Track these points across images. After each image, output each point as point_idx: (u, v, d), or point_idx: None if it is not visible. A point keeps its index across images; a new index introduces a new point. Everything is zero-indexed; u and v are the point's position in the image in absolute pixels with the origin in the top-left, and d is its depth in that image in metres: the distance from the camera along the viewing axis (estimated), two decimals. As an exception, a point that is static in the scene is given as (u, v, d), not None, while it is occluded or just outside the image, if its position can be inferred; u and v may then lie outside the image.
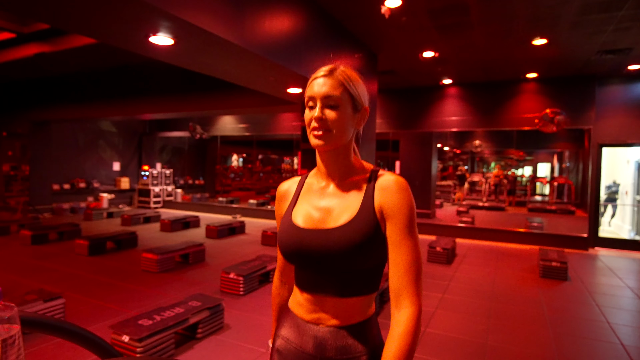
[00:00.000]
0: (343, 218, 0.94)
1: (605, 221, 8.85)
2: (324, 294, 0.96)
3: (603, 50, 5.83)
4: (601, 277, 5.38)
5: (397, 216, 0.91)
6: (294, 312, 1.02)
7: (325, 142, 0.94)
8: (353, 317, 0.95)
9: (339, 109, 0.94)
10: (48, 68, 8.45)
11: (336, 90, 0.94)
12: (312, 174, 1.08)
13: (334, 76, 0.95)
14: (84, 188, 11.19)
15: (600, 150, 7.42)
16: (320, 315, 0.96)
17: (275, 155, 18.65)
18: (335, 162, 0.99)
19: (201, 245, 5.69)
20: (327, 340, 0.94)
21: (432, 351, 3.04)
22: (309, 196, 1.03)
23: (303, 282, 1.00)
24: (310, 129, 0.95)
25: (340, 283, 0.94)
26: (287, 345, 1.00)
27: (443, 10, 4.65)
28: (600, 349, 3.18)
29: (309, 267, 0.96)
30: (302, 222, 0.98)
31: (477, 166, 17.76)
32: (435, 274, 5.22)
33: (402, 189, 0.93)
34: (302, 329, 0.98)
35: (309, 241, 0.94)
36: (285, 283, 1.18)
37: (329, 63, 0.99)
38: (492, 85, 8.01)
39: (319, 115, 0.93)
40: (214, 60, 4.12)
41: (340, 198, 0.98)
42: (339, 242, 0.91)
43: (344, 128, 0.95)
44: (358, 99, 0.98)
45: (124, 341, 2.67)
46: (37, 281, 4.53)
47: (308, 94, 0.97)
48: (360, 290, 0.95)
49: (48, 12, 3.01)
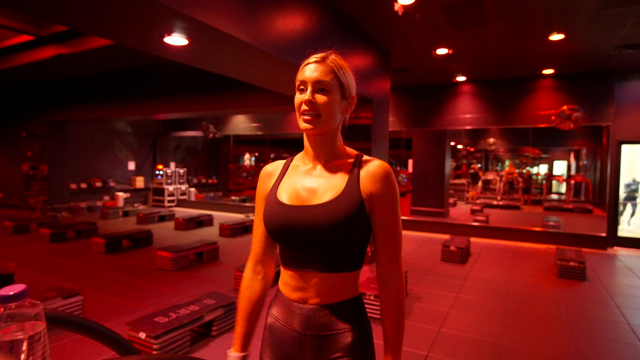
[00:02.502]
0: (327, 196, 0.98)
1: (624, 220, 8.64)
2: (308, 269, 0.99)
3: (623, 44, 5.68)
4: (621, 277, 5.25)
5: (386, 202, 0.99)
6: (282, 291, 1.06)
7: (314, 126, 0.98)
8: (337, 295, 0.99)
9: (328, 94, 0.98)
10: (65, 70, 8.61)
11: (327, 76, 0.98)
12: (298, 157, 1.12)
13: (326, 63, 0.99)
14: (100, 187, 11.38)
15: (620, 148, 7.25)
16: (304, 294, 1.00)
17: (287, 154, 18.70)
18: (322, 145, 1.04)
19: (215, 243, 5.74)
20: (311, 317, 0.99)
21: (447, 351, 3.01)
22: (294, 176, 1.06)
23: (288, 259, 1.03)
24: (300, 112, 0.99)
25: (324, 259, 0.98)
26: (277, 322, 1.05)
27: (457, 6, 4.59)
28: (620, 350, 3.10)
29: (294, 244, 0.99)
30: (287, 199, 1.02)
31: (491, 164, 17.53)
32: (449, 274, 5.17)
33: (388, 174, 1.00)
34: (289, 308, 1.02)
35: (294, 217, 0.98)
36: (259, 273, 1.13)
37: (321, 51, 1.04)
38: (507, 82, 7.88)
39: (309, 98, 0.97)
40: (227, 59, 4.14)
41: (326, 178, 1.02)
42: (324, 218, 0.94)
43: (332, 113, 0.99)
44: (347, 87, 1.02)
45: (140, 338, 2.71)
46: (56, 278, 4.63)
47: (299, 78, 1.01)
48: (344, 266, 0.99)
49: (65, 14, 3.07)
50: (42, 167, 10.62)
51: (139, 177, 12.43)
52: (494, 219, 8.93)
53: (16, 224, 7.34)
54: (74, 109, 9.70)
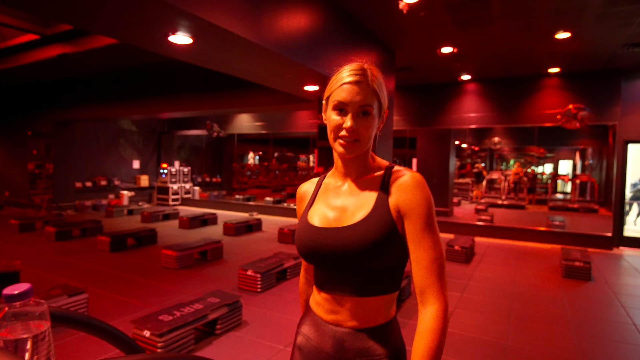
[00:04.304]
0: (357, 216, 0.93)
1: (630, 220, 8.57)
2: (342, 294, 0.95)
3: (630, 43, 5.63)
4: (626, 277, 5.21)
5: (415, 214, 0.90)
6: (314, 311, 1.02)
7: (352, 152, 0.93)
8: (373, 319, 0.94)
9: (369, 117, 0.93)
10: (70, 68, 8.66)
11: (370, 99, 0.92)
12: (330, 174, 1.08)
13: (367, 82, 0.92)
14: (105, 186, 11.44)
15: (626, 147, 7.18)
16: (338, 317, 0.95)
17: (291, 153, 18.70)
18: (354, 163, 0.99)
19: (219, 242, 5.75)
20: (345, 341, 0.94)
21: (452, 351, 3.00)
22: (325, 196, 1.03)
23: (321, 281, 0.99)
24: (338, 136, 0.93)
25: (357, 282, 0.93)
26: (308, 343, 1.00)
27: (462, 4, 4.56)
28: (626, 351, 3.08)
29: (326, 266, 0.96)
30: (318, 222, 0.98)
31: (495, 163, 17.44)
32: (453, 273, 5.15)
33: (418, 185, 0.91)
34: (322, 329, 0.98)
35: (323, 240, 0.94)
36: (309, 280, 1.18)
37: (352, 61, 0.96)
38: (512, 80, 7.83)
39: (351, 126, 0.91)
40: (232, 58, 4.15)
41: (355, 196, 0.97)
42: (353, 240, 0.90)
43: (371, 136, 0.95)
44: (384, 104, 0.96)
45: (145, 336, 2.72)
46: (61, 276, 4.66)
47: (338, 99, 0.92)
48: (379, 289, 0.94)
49: (70, 13, 3.08)
50: (47, 165, 10.69)
51: (143, 176, 12.48)
52: (498, 219, 8.89)
53: (22, 222, 7.39)
54: (79, 107, 9.76)
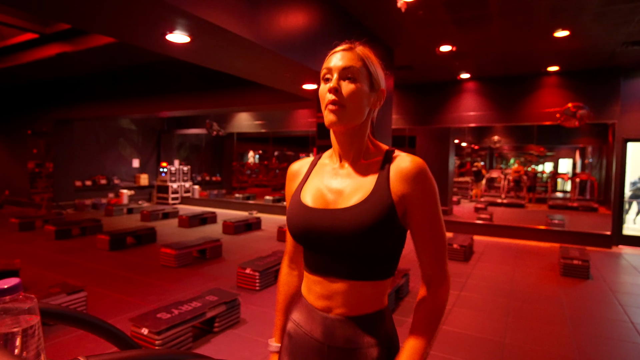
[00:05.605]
0: (354, 199, 0.90)
1: (629, 218, 8.57)
2: (334, 276, 0.92)
3: (629, 41, 5.63)
4: (625, 275, 5.22)
5: (421, 203, 0.89)
6: (305, 297, 0.99)
7: (339, 118, 0.90)
8: (364, 306, 0.92)
9: (355, 82, 0.91)
10: (70, 67, 8.66)
11: (355, 63, 0.92)
12: (326, 155, 1.05)
13: (354, 51, 0.94)
14: (105, 184, 11.46)
15: (625, 145, 7.18)
16: (329, 303, 0.93)
17: (291, 151, 18.69)
18: (350, 142, 0.96)
19: (218, 241, 5.76)
20: (335, 328, 0.91)
21: (449, 349, 3.00)
22: (320, 176, 1.00)
23: (312, 264, 0.96)
24: (325, 102, 0.92)
25: (350, 265, 0.91)
26: (298, 329, 0.98)
27: (461, 2, 4.56)
28: (624, 349, 3.09)
29: (318, 249, 0.93)
30: (311, 202, 0.95)
31: (495, 162, 17.44)
32: (452, 271, 5.15)
33: (422, 172, 0.89)
34: (312, 315, 0.96)
35: (317, 221, 0.91)
36: (295, 269, 1.14)
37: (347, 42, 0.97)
38: (511, 79, 7.83)
39: (334, 85, 0.90)
40: (230, 57, 4.15)
41: (353, 179, 0.94)
42: (349, 223, 0.87)
43: (359, 104, 0.92)
44: (375, 77, 0.96)
45: (143, 334, 2.73)
46: (60, 274, 4.67)
47: (325, 66, 0.94)
48: (372, 274, 0.91)
49: (69, 12, 3.08)
50: (47, 164, 10.70)
51: (143, 175, 12.50)
52: (497, 217, 8.90)
53: (22, 221, 7.41)
54: (79, 106, 9.76)
